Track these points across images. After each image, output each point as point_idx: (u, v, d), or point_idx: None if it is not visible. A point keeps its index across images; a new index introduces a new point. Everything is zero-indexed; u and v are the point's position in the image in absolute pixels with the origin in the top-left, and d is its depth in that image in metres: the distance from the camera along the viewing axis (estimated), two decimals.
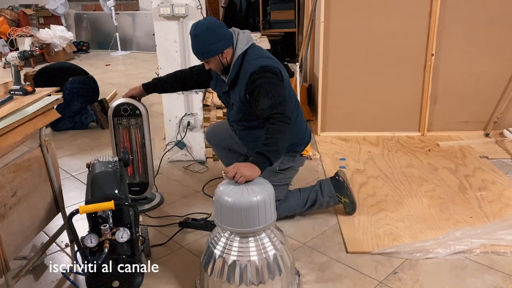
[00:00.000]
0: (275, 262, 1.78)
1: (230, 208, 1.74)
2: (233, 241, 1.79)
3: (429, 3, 3.41)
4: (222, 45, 2.09)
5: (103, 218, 1.73)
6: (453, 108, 3.66)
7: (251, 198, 1.73)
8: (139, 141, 2.64)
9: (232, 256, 1.77)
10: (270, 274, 1.77)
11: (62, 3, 8.71)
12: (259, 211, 1.74)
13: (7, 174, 1.83)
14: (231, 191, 1.76)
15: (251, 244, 1.78)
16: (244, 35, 2.18)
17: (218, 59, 2.13)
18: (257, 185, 1.80)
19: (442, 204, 2.60)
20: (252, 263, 1.75)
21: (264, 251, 1.78)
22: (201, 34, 2.06)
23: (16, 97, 2.06)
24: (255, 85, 2.06)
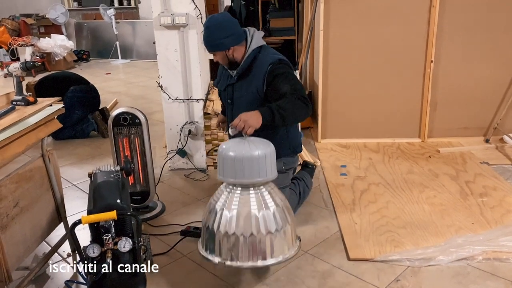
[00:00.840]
0: (275, 217, 1.84)
1: (233, 161, 1.84)
2: (235, 193, 1.87)
3: (428, 11, 3.43)
4: (230, 41, 2.22)
5: (105, 227, 1.72)
6: (453, 114, 3.67)
7: (253, 152, 1.84)
8: (140, 149, 2.65)
9: (233, 208, 1.84)
10: (269, 228, 1.82)
11: (63, 12, 8.76)
12: (260, 164, 1.84)
13: (9, 185, 1.84)
14: (234, 147, 1.88)
15: (251, 196, 1.86)
16: (260, 33, 2.33)
17: (224, 54, 2.25)
18: (259, 142, 1.92)
19: (444, 210, 2.60)
20: (252, 215, 1.82)
21: (265, 204, 1.85)
22: (212, 27, 2.22)
23: (18, 107, 2.07)
24: (276, 73, 2.19)
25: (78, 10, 9.60)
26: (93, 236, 1.76)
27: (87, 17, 9.47)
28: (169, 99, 3.17)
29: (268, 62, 2.22)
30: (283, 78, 2.18)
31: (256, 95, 2.27)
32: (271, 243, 1.83)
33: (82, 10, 9.58)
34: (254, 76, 2.26)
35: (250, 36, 2.29)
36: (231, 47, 2.23)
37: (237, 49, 2.26)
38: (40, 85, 4.38)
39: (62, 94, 4.09)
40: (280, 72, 2.19)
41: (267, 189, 1.91)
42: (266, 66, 2.22)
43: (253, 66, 2.26)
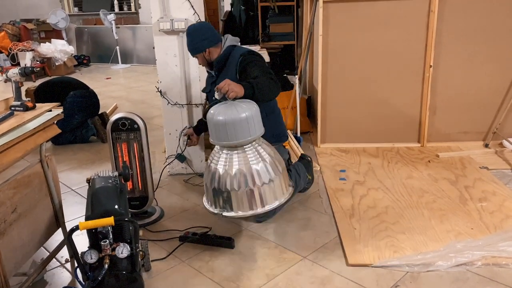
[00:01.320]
0: (267, 170, 2.08)
1: (224, 125, 2.04)
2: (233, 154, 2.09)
3: (426, 15, 3.44)
4: (206, 43, 2.57)
5: (103, 233, 1.73)
6: (452, 119, 3.67)
7: (240, 114, 2.04)
8: (138, 155, 2.65)
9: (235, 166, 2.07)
10: (270, 175, 2.08)
11: (63, 17, 8.79)
12: (249, 124, 2.06)
13: (7, 190, 1.84)
14: (222, 112, 2.06)
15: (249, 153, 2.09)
16: (233, 38, 2.66)
17: (203, 56, 2.61)
18: (244, 103, 2.11)
19: (443, 215, 2.60)
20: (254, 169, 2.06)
21: (261, 157, 2.09)
22: (191, 33, 2.59)
23: (17, 113, 2.07)
24: (246, 63, 2.47)
25: (78, 15, 9.63)
26: (91, 242, 1.76)
27: (88, 22, 9.50)
28: (168, 104, 3.17)
29: (239, 54, 2.53)
30: (253, 65, 2.45)
31: None
32: (266, 191, 2.09)
33: (83, 15, 9.61)
34: (228, 67, 2.57)
35: (225, 39, 2.64)
36: (207, 49, 2.58)
37: (213, 50, 2.61)
38: (39, 90, 4.38)
39: (61, 99, 4.10)
40: (250, 60, 2.47)
41: (258, 143, 2.14)
42: (237, 57, 2.53)
43: (227, 60, 2.58)
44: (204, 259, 2.29)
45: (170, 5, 2.96)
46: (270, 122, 2.51)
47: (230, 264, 2.24)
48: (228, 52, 2.61)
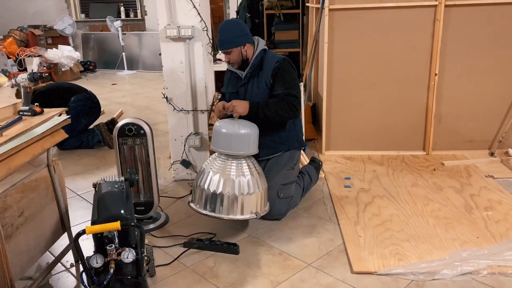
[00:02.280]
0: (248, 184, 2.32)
1: (224, 135, 2.35)
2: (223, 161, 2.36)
3: (432, 24, 3.46)
4: (245, 39, 2.57)
5: (109, 238, 1.73)
6: (457, 127, 3.67)
7: (240, 130, 2.34)
8: (144, 160, 2.66)
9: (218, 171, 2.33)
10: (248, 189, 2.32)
11: (70, 23, 8.87)
12: (244, 140, 2.35)
13: (14, 194, 1.85)
14: (226, 125, 2.39)
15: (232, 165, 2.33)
16: (263, 41, 2.70)
17: (240, 50, 2.57)
18: (246, 123, 2.40)
19: (448, 224, 2.59)
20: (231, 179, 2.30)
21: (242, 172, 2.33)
22: (230, 27, 2.59)
23: (25, 117, 2.09)
24: (280, 71, 2.55)
25: (85, 22, 9.72)
26: (97, 246, 1.77)
27: (94, 28, 9.58)
28: (174, 110, 3.19)
29: (275, 60, 2.58)
30: (281, 79, 2.54)
31: (265, 89, 2.59)
32: (242, 202, 2.32)
33: (89, 22, 9.69)
34: (264, 72, 2.59)
35: (257, 40, 2.66)
36: (246, 44, 2.57)
37: (249, 47, 2.60)
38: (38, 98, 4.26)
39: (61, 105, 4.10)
40: (282, 72, 2.55)
41: (247, 161, 2.38)
42: (273, 63, 2.57)
43: (262, 64, 2.60)
44: (208, 265, 2.29)
45: (177, 12, 2.98)
46: (297, 127, 2.74)
47: (235, 271, 2.24)
48: (261, 56, 2.62)
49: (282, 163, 2.71)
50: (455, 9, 3.41)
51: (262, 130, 2.53)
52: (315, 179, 3.02)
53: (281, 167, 2.70)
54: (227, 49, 2.58)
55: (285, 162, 2.71)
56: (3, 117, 2.09)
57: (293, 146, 2.73)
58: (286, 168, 2.70)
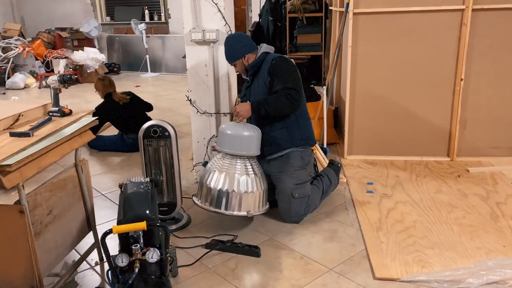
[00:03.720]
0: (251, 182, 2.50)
1: (228, 136, 2.54)
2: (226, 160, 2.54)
3: (458, 28, 3.41)
4: (244, 50, 2.73)
5: (134, 238, 1.76)
6: (483, 133, 3.60)
7: (243, 132, 2.53)
8: (168, 161, 2.70)
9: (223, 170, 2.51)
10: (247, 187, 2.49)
11: (96, 26, 9.05)
12: (246, 141, 2.53)
13: (44, 193, 1.90)
14: (230, 127, 2.58)
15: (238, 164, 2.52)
16: (268, 46, 2.82)
17: (241, 62, 2.75)
18: (250, 126, 2.58)
19: (473, 232, 2.54)
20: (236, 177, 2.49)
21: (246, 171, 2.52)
22: (230, 41, 2.77)
23: (55, 118, 2.15)
24: (275, 70, 2.63)
25: (110, 25, 9.90)
26: (122, 246, 1.80)
27: (119, 31, 9.74)
28: (197, 112, 3.22)
29: (271, 58, 2.70)
30: (279, 75, 2.62)
31: (264, 87, 2.69)
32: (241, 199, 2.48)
33: (114, 25, 9.87)
34: (262, 71, 2.71)
35: (260, 47, 2.79)
36: (246, 55, 2.73)
37: (251, 56, 2.75)
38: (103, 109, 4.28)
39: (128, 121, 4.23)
40: (278, 69, 2.64)
41: (250, 161, 2.56)
42: (269, 61, 2.68)
43: (262, 65, 2.72)
44: (230, 267, 2.30)
45: (202, 16, 3.02)
46: (300, 124, 2.75)
47: (256, 273, 2.25)
48: (262, 58, 2.74)
49: (291, 163, 2.73)
50: (483, 13, 3.35)
51: (264, 128, 2.67)
52: (335, 182, 3.01)
53: (290, 167, 2.72)
54: (230, 63, 2.83)
55: (294, 162, 2.73)
56: (34, 118, 2.15)
57: (298, 143, 2.74)
58: (295, 168, 2.72)
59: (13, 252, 1.78)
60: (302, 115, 2.77)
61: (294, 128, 2.73)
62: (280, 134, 2.71)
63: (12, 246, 1.77)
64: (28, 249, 1.76)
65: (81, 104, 4.87)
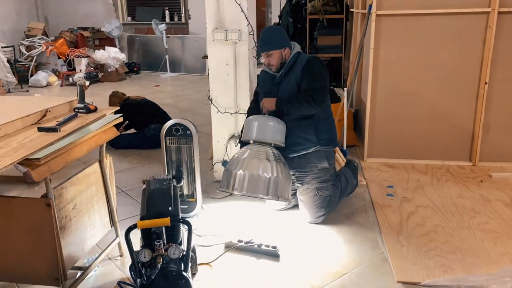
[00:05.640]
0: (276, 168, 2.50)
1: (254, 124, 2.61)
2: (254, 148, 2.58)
3: (484, 31, 3.35)
4: (285, 42, 2.72)
5: (157, 234, 1.78)
6: (507, 139, 3.54)
7: (267, 121, 2.61)
8: (189, 159, 2.72)
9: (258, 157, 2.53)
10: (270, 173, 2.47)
11: (117, 26, 9.17)
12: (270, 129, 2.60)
13: (69, 187, 1.94)
14: (256, 118, 2.66)
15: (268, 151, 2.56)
16: (298, 45, 2.83)
17: (280, 53, 2.70)
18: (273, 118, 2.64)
19: (497, 238, 2.50)
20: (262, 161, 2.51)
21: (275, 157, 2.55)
22: (273, 30, 2.79)
23: (80, 114, 2.18)
24: (309, 65, 2.66)
25: (131, 25, 10.02)
26: (145, 241, 1.82)
27: (140, 31, 9.86)
28: (218, 111, 3.24)
29: (305, 59, 2.71)
30: (308, 74, 2.64)
31: (294, 85, 2.69)
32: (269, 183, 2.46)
33: (135, 25, 9.99)
34: (295, 70, 2.70)
35: (293, 45, 2.79)
36: (286, 47, 2.71)
37: (288, 51, 2.73)
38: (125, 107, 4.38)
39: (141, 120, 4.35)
40: (311, 66, 2.66)
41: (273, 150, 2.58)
42: (304, 61, 2.69)
43: (295, 64, 2.71)
44: (248, 267, 2.31)
45: (225, 16, 3.04)
46: (326, 126, 2.77)
47: (275, 274, 2.25)
48: (296, 57, 2.74)
49: (316, 162, 2.73)
50: (509, 16, 3.30)
51: (291, 125, 2.67)
52: (352, 182, 2.99)
53: (314, 167, 2.72)
54: (269, 51, 2.70)
55: (318, 161, 2.73)
56: (60, 114, 2.19)
57: (323, 143, 2.74)
58: (319, 167, 2.73)
59: (39, 244, 1.81)
60: (327, 116, 2.80)
61: (320, 127, 2.74)
62: (306, 132, 2.71)
63: (38, 238, 1.81)
64: (54, 242, 1.79)
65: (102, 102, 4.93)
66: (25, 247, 1.84)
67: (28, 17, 9.56)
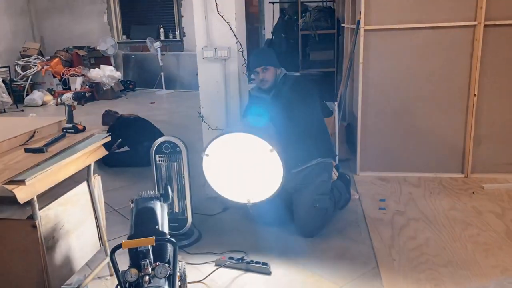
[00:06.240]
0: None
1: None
2: None
3: (470, 44, 3.39)
4: (278, 63, 2.82)
5: (144, 253, 1.77)
6: (498, 150, 3.55)
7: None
8: (179, 177, 2.72)
9: None
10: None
11: (112, 44, 9.25)
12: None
13: (56, 207, 1.93)
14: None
15: None
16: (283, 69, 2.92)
17: (275, 71, 2.80)
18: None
19: (488, 250, 2.49)
20: None
21: None
22: (269, 50, 2.98)
23: (69, 134, 2.19)
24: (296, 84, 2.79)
25: (126, 43, 10.10)
26: (132, 261, 1.81)
27: (135, 49, 9.93)
28: (209, 128, 3.25)
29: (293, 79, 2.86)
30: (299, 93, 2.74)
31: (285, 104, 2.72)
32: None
33: (130, 43, 10.07)
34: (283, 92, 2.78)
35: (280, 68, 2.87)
36: (279, 68, 2.83)
37: (280, 72, 2.84)
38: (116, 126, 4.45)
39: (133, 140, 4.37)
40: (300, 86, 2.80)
41: None
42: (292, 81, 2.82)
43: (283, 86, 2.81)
44: (239, 284, 2.29)
45: (214, 34, 3.08)
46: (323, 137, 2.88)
47: None
48: (284, 80, 2.84)
49: (316, 174, 2.78)
50: (495, 29, 3.34)
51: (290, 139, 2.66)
52: (345, 195, 3.03)
53: (315, 178, 2.76)
54: (266, 65, 2.76)
55: (318, 174, 2.78)
56: (48, 134, 2.20)
57: (323, 154, 2.82)
58: (319, 179, 2.77)
59: (25, 266, 1.81)
60: (322, 129, 2.90)
61: (318, 139, 2.82)
62: (305, 145, 2.76)
63: (24, 260, 1.80)
64: (40, 263, 1.78)
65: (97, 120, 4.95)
66: (12, 268, 1.83)
67: (24, 37, 9.64)
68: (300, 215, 2.74)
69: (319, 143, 2.84)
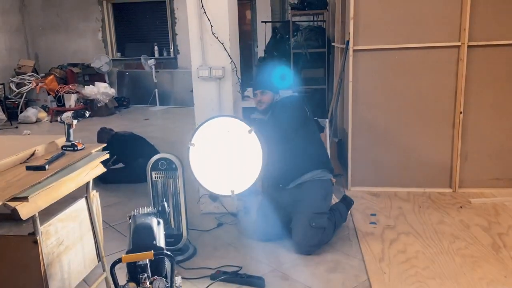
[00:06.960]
0: None
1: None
2: None
3: (455, 64, 3.53)
4: (277, 89, 2.99)
5: (142, 267, 1.83)
6: (484, 165, 3.66)
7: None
8: (174, 193, 2.78)
9: None
10: None
11: (107, 62, 9.35)
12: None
13: (56, 224, 1.99)
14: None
15: None
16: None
17: (272, 95, 2.96)
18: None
19: (475, 262, 2.57)
20: None
21: None
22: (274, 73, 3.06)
23: (68, 152, 2.26)
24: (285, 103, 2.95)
25: (121, 60, 10.21)
26: (130, 275, 1.86)
27: (129, 66, 10.03)
28: None
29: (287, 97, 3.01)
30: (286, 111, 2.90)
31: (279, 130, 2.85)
32: None
33: (125, 60, 10.18)
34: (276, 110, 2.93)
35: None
36: (278, 93, 2.99)
37: (277, 96, 2.98)
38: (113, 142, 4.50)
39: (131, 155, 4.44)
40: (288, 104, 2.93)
41: None
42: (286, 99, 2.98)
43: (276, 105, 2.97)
44: None
45: (209, 54, 3.18)
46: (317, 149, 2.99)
47: None
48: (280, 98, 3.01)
49: (312, 192, 2.84)
50: (478, 49, 3.48)
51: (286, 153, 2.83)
52: (345, 217, 3.10)
53: (311, 196, 2.83)
54: (265, 89, 2.96)
55: (314, 191, 2.85)
56: (48, 152, 2.27)
57: (319, 166, 2.91)
58: (315, 197, 2.84)
59: (26, 282, 1.85)
60: (317, 141, 3.01)
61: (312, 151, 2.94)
62: (302, 157, 2.87)
63: (25, 276, 1.85)
64: (41, 279, 1.83)
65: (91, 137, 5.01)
66: (12, 284, 1.88)
67: (19, 54, 9.71)
68: (297, 233, 2.78)
69: (314, 155, 2.92)
